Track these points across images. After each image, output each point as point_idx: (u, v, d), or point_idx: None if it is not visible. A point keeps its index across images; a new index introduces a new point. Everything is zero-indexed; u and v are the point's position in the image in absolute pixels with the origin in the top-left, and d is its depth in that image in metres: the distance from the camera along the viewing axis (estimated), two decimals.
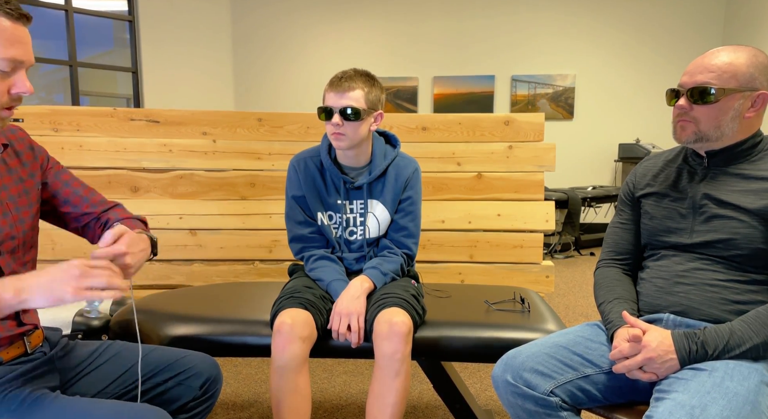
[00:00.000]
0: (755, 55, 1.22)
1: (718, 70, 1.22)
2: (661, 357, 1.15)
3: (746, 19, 6.05)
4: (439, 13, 6.79)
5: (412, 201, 1.75)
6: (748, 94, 1.21)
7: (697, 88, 1.23)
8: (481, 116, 2.76)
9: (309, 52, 6.96)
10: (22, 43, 1.01)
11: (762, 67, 1.22)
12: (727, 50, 1.24)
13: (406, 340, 1.49)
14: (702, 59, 1.26)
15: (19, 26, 1.01)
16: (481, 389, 2.38)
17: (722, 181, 1.27)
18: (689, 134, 1.26)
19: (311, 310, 1.55)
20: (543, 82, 6.72)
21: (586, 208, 5.87)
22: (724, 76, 1.21)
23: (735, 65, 1.21)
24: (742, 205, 1.21)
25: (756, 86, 1.22)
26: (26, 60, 1.02)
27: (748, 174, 1.24)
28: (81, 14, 5.61)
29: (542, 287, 2.76)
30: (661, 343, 1.16)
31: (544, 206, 2.75)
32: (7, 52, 0.98)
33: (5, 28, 0.98)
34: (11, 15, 0.99)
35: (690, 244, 1.28)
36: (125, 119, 2.81)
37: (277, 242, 2.81)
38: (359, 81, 1.62)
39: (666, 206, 1.34)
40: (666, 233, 1.33)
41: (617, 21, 6.61)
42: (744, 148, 1.26)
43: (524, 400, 1.25)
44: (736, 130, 1.24)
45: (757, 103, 1.23)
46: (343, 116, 1.60)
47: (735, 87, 1.21)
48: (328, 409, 2.21)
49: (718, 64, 1.22)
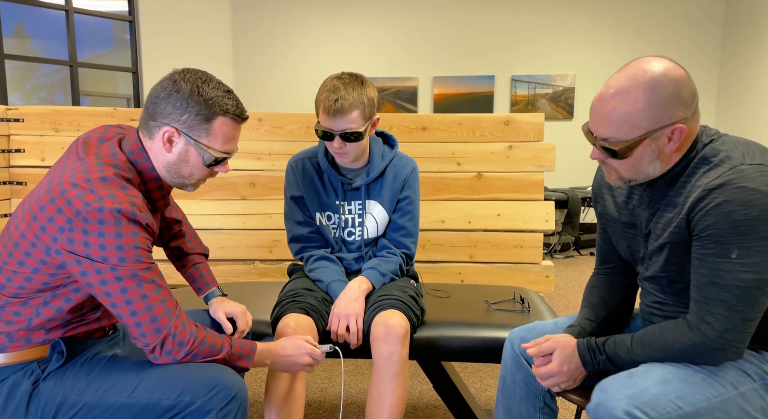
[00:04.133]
0: (655, 87, 1.05)
1: (615, 124, 1.09)
2: (574, 373, 1.23)
3: (746, 19, 6.05)
4: (439, 13, 6.79)
5: (410, 201, 1.75)
6: (659, 134, 1.08)
7: (601, 144, 1.12)
8: (481, 116, 2.76)
9: (309, 52, 6.96)
10: (236, 139, 1.26)
11: (666, 98, 1.06)
12: (622, 91, 1.07)
13: (403, 342, 1.49)
14: (599, 104, 1.11)
15: (238, 126, 1.25)
16: (481, 389, 2.38)
17: (659, 207, 1.18)
18: (615, 180, 1.19)
19: (313, 315, 1.56)
20: (543, 82, 6.72)
21: (585, 208, 5.87)
22: (623, 129, 1.08)
23: (631, 114, 1.07)
24: (665, 239, 1.15)
25: (666, 122, 1.07)
26: (233, 151, 1.27)
27: (675, 199, 1.14)
28: (81, 14, 5.61)
29: (542, 287, 2.76)
30: (572, 359, 1.23)
31: (544, 206, 2.75)
32: (224, 146, 1.23)
33: (229, 129, 1.22)
34: (237, 118, 1.23)
35: (647, 277, 1.26)
36: (125, 119, 2.81)
37: (277, 242, 2.82)
38: (354, 98, 1.54)
39: (622, 233, 1.30)
40: (632, 260, 1.32)
41: (617, 21, 6.61)
42: (677, 171, 1.14)
43: (518, 369, 1.35)
44: (661, 167, 1.13)
45: (675, 137, 1.08)
46: (343, 139, 1.58)
47: (641, 136, 1.08)
48: (328, 409, 2.22)
49: (614, 117, 1.08)
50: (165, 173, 1.23)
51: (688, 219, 1.10)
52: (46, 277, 1.12)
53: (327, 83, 1.57)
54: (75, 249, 1.07)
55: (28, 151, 2.77)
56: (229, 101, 1.21)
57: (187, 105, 1.17)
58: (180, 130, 1.19)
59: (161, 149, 1.20)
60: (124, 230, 1.08)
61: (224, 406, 1.14)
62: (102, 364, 1.19)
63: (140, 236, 1.11)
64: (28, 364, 1.15)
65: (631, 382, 1.06)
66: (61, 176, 1.12)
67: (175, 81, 1.18)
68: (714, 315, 1.06)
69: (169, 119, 1.18)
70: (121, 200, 1.08)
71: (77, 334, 1.21)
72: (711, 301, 1.06)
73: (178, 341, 1.15)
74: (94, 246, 1.06)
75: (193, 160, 1.22)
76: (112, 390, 1.14)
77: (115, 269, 1.08)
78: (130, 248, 1.09)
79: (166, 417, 1.14)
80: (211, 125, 1.19)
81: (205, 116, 1.18)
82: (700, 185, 1.08)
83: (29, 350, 1.15)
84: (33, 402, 1.13)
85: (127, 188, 1.12)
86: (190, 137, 1.19)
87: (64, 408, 1.13)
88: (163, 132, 1.18)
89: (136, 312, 1.11)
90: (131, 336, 1.14)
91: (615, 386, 1.06)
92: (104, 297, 1.11)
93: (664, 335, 1.13)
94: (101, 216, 1.06)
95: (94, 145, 1.21)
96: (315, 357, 1.35)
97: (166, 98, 1.18)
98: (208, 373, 1.16)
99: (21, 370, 1.14)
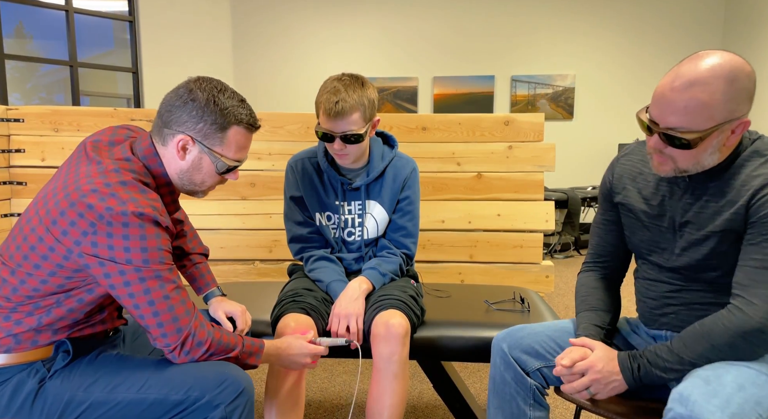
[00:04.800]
0: (733, 81, 1.04)
1: (691, 113, 1.06)
2: (606, 378, 1.17)
3: (746, 20, 6.05)
4: (439, 14, 6.79)
5: (410, 201, 1.75)
6: (728, 126, 1.08)
7: (668, 134, 1.10)
8: (481, 116, 2.76)
9: (309, 51, 6.97)
10: (248, 148, 1.29)
11: (741, 91, 1.05)
12: (700, 81, 1.05)
13: (404, 342, 1.49)
14: (672, 93, 1.07)
15: (250, 135, 1.28)
16: (481, 389, 2.38)
17: (701, 199, 1.19)
18: (668, 170, 1.17)
19: (313, 315, 1.56)
20: (543, 82, 6.72)
21: (585, 208, 5.87)
22: (698, 120, 1.06)
23: (710, 106, 1.05)
24: (716, 228, 1.15)
25: (737, 116, 1.07)
26: (245, 158, 1.30)
27: (725, 189, 1.15)
28: (81, 14, 5.62)
29: (542, 287, 2.77)
30: (606, 364, 1.18)
31: (544, 206, 2.75)
32: (237, 155, 1.26)
33: (242, 138, 1.25)
34: (251, 127, 1.26)
35: (672, 267, 1.25)
36: (126, 119, 2.81)
37: (277, 242, 2.82)
38: (354, 100, 1.53)
39: (646, 224, 1.28)
40: (648, 252, 1.30)
41: (617, 21, 6.62)
42: (725, 163, 1.16)
43: (506, 368, 1.34)
44: (717, 158, 1.14)
45: (737, 130, 1.09)
46: (344, 140, 1.58)
47: (713, 127, 1.07)
48: (328, 409, 2.22)
49: (691, 106, 1.06)
50: (177, 179, 1.26)
51: (747, 206, 1.11)
52: (62, 280, 1.13)
53: (327, 85, 1.57)
54: (98, 252, 1.08)
55: (28, 151, 2.78)
56: (243, 111, 1.23)
57: (203, 114, 1.19)
58: (195, 138, 1.21)
59: (174, 156, 1.22)
60: (148, 233, 1.10)
61: (233, 400, 1.15)
62: (109, 362, 1.20)
63: (163, 238, 1.13)
64: (33, 364, 1.15)
65: (713, 390, 1.01)
66: (77, 180, 1.12)
67: (191, 90, 1.20)
68: (761, 296, 1.08)
69: (184, 128, 1.20)
70: (143, 204, 1.10)
71: (82, 336, 1.22)
72: (760, 284, 1.08)
73: (197, 341, 1.17)
74: (118, 249, 1.08)
75: (207, 168, 1.24)
76: (120, 386, 1.15)
77: (140, 270, 1.10)
78: (154, 250, 1.11)
79: (174, 412, 1.15)
80: (225, 133, 1.22)
81: (220, 125, 1.21)
82: (760, 174, 1.11)
83: (34, 351, 1.16)
84: (38, 400, 1.14)
85: (146, 192, 1.14)
86: (205, 145, 1.22)
87: (72, 405, 1.14)
88: (178, 140, 1.20)
89: (158, 313, 1.12)
90: (151, 337, 1.15)
91: (701, 395, 1.01)
92: (127, 298, 1.12)
93: (704, 325, 1.12)
94: (125, 220, 1.07)
95: (105, 148, 1.21)
96: (318, 355, 1.41)
97: (182, 107, 1.19)
98: (216, 369, 1.17)
99: (26, 369, 1.15)
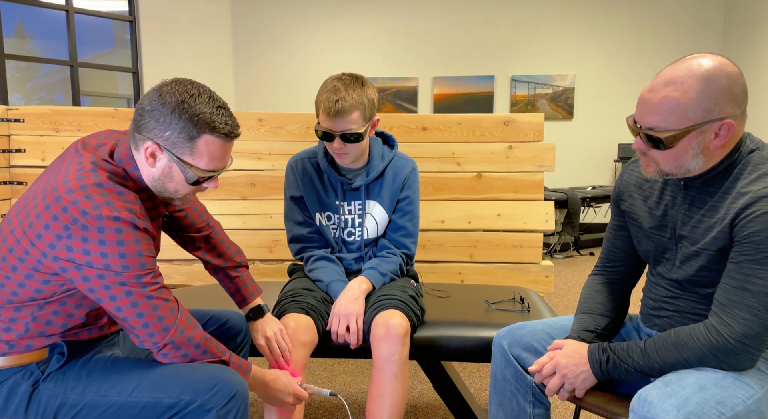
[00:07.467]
0: (709, 79, 1.04)
1: (664, 113, 1.06)
2: (573, 371, 1.21)
3: (746, 20, 6.05)
4: (439, 13, 6.79)
5: (410, 201, 1.75)
6: (707, 127, 1.06)
7: (648, 135, 1.09)
8: (480, 116, 2.76)
9: (309, 51, 6.97)
10: (225, 157, 1.18)
11: (720, 91, 1.04)
12: (675, 80, 1.05)
13: (404, 342, 1.49)
14: (649, 93, 1.08)
15: (227, 145, 1.17)
16: (481, 389, 2.38)
17: (698, 213, 1.17)
18: (652, 172, 1.16)
19: (313, 315, 1.56)
20: (542, 82, 6.72)
21: (585, 208, 5.87)
22: (672, 119, 1.06)
23: (683, 104, 1.04)
24: (706, 245, 1.14)
25: (716, 116, 1.05)
26: (222, 168, 1.19)
27: (718, 205, 1.13)
28: (82, 14, 5.62)
29: (542, 287, 2.77)
30: (570, 358, 1.21)
31: (544, 206, 2.75)
32: (210, 165, 1.16)
33: (216, 148, 1.14)
34: (225, 137, 1.15)
35: (672, 278, 1.25)
36: (126, 119, 2.82)
37: (277, 242, 2.82)
38: (354, 99, 1.54)
39: (650, 235, 1.28)
40: (653, 261, 1.31)
41: (617, 21, 6.62)
42: (719, 171, 1.13)
43: (507, 366, 1.36)
44: (703, 162, 1.11)
45: (722, 133, 1.07)
46: (343, 140, 1.58)
47: (689, 126, 1.06)
48: (328, 409, 2.22)
49: (664, 105, 1.06)
50: (151, 186, 1.19)
51: (732, 225, 1.08)
52: (39, 284, 1.10)
53: (327, 84, 1.57)
54: (74, 257, 1.05)
55: (28, 151, 2.78)
56: (218, 118, 1.13)
57: (170, 121, 1.10)
58: (163, 146, 1.12)
59: (145, 162, 1.15)
60: (126, 238, 1.06)
61: (225, 404, 1.14)
62: (102, 364, 1.19)
63: (143, 243, 1.09)
64: (27, 366, 1.15)
65: (671, 390, 1.03)
66: (56, 180, 1.09)
67: (162, 94, 1.12)
68: (737, 318, 1.06)
69: (152, 134, 1.12)
70: (119, 207, 1.06)
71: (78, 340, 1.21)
72: (736, 305, 1.06)
73: (186, 336, 1.16)
74: (95, 254, 1.04)
75: (177, 177, 1.16)
76: (113, 389, 1.14)
77: (119, 274, 1.07)
78: (133, 256, 1.07)
79: (167, 415, 1.14)
80: (195, 143, 1.12)
81: (189, 135, 1.11)
82: (748, 192, 1.07)
83: (29, 354, 1.15)
84: (33, 402, 1.13)
85: (123, 194, 1.09)
86: (173, 154, 1.13)
87: (65, 408, 1.13)
88: (146, 147, 1.13)
89: (143, 314, 1.10)
90: (138, 338, 1.13)
91: (658, 396, 1.03)
92: (108, 301, 1.09)
93: (679, 336, 1.12)
94: (100, 224, 1.03)
95: (90, 150, 1.17)
96: (300, 398, 1.41)
97: (151, 112, 1.11)
98: (208, 372, 1.16)
99: (20, 372, 1.14)
